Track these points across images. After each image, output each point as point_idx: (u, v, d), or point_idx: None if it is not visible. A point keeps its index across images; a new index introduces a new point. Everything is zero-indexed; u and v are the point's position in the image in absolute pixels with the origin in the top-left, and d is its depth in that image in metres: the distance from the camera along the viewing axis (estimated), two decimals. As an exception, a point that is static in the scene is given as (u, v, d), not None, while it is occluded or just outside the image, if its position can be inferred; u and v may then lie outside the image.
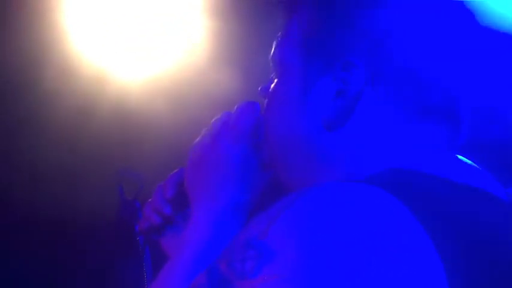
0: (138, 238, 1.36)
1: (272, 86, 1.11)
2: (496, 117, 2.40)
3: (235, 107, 1.18)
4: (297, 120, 1.04)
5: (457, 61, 1.04)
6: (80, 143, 2.73)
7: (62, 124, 2.71)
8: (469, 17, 1.07)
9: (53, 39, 2.63)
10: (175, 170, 1.25)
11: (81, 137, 2.73)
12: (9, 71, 2.65)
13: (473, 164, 1.01)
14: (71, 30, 2.66)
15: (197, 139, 1.20)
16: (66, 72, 2.67)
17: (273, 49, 1.11)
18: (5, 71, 2.66)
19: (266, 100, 1.13)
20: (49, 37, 2.62)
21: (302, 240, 0.80)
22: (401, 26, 1.01)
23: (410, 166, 0.95)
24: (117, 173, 1.49)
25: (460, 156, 1.01)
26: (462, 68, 1.04)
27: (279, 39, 1.11)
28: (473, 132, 1.06)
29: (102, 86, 2.70)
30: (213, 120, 1.19)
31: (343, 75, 1.00)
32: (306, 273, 0.78)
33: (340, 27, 1.02)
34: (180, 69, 2.68)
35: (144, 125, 2.71)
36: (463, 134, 1.04)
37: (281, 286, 0.78)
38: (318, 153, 1.03)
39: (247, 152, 1.14)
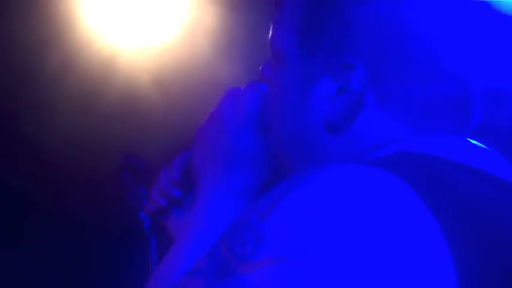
0: (143, 223, 1.36)
1: (272, 75, 1.10)
2: (507, 100, 2.39)
3: (242, 86, 1.17)
4: (298, 119, 1.04)
5: (466, 46, 1.02)
6: (86, 128, 2.73)
7: (69, 107, 2.71)
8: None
9: (59, 21, 2.63)
10: (181, 153, 1.25)
11: (87, 121, 2.72)
12: (16, 53, 2.65)
13: (485, 147, 1.00)
14: (77, 10, 2.64)
15: (203, 121, 1.18)
16: (73, 54, 2.67)
17: (270, 32, 1.10)
18: (10, 53, 2.66)
19: (268, 90, 1.12)
20: (56, 19, 2.61)
21: (304, 222, 0.80)
22: (401, 18, 0.99)
23: (419, 149, 0.95)
24: (122, 159, 1.49)
25: (471, 140, 1.00)
26: (471, 52, 1.03)
27: (275, 23, 1.09)
28: (483, 116, 1.05)
29: (109, 68, 2.69)
30: (219, 100, 1.17)
31: (343, 76, 0.99)
32: (308, 255, 0.78)
33: (337, 24, 1.01)
34: (187, 48, 2.67)
35: (150, 109, 2.70)
36: (474, 119, 1.03)
37: (283, 269, 0.78)
38: (319, 151, 1.03)
39: (254, 136, 1.13)
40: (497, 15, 2.16)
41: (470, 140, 1.00)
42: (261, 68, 1.15)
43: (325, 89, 1.01)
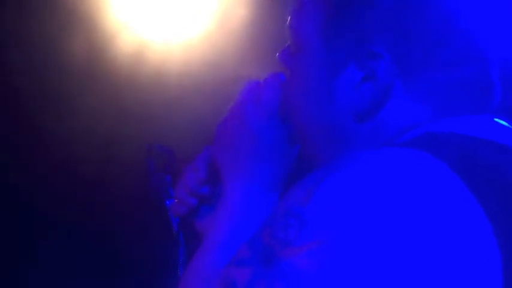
0: (169, 211, 1.36)
1: (293, 64, 1.10)
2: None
3: (262, 78, 1.17)
4: (324, 108, 1.04)
5: (489, 27, 1.02)
6: (112, 120, 2.74)
7: (95, 100, 2.72)
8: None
9: (86, 12, 2.64)
10: (203, 149, 1.24)
11: (113, 113, 2.73)
12: (42, 45, 2.67)
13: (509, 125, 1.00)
14: (106, 2, 2.65)
15: (223, 115, 1.18)
16: (101, 46, 2.68)
17: (289, 19, 1.09)
18: (37, 45, 2.67)
19: (288, 77, 1.12)
20: (83, 10, 2.62)
21: (346, 204, 0.81)
22: (426, 4, 0.98)
23: (448, 129, 0.95)
24: (148, 147, 1.48)
25: (496, 119, 1.00)
26: (494, 33, 1.02)
27: (296, 10, 1.09)
28: (504, 95, 1.04)
29: (140, 57, 2.69)
30: (239, 93, 1.17)
31: (369, 64, 0.99)
32: (351, 237, 0.79)
33: (362, 13, 1.00)
34: (218, 41, 2.67)
35: (178, 102, 2.70)
36: (496, 98, 1.03)
37: (327, 251, 0.80)
38: (347, 138, 1.03)
39: (276, 127, 1.13)
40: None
41: (496, 118, 1.00)
42: (278, 54, 1.14)
43: (352, 77, 1.00)
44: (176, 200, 1.26)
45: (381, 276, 0.79)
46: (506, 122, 1.00)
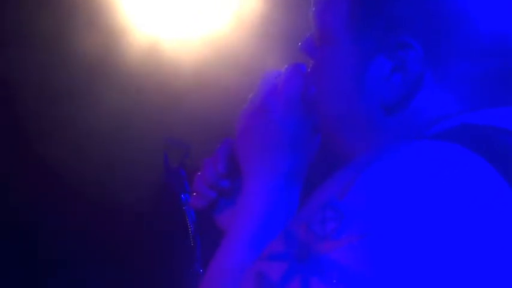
0: (184, 207, 1.35)
1: (319, 56, 1.08)
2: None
3: (282, 69, 1.15)
4: (353, 99, 1.02)
5: None
6: (129, 111, 2.74)
7: (109, 94, 2.72)
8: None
9: (98, 9, 2.64)
10: (221, 142, 1.22)
11: (131, 104, 2.73)
12: (53, 43, 2.67)
13: None
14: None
15: (244, 107, 1.16)
16: (116, 39, 2.67)
17: (313, 7, 1.08)
18: (48, 43, 2.68)
19: (313, 68, 1.10)
20: (95, 7, 2.62)
21: (386, 198, 0.80)
22: None
23: (481, 121, 0.93)
24: (163, 141, 1.47)
25: None
26: None
27: (321, 3, 1.07)
28: None
29: (154, 53, 2.69)
30: (258, 85, 1.15)
31: (399, 54, 0.97)
32: (389, 231, 0.78)
33: (392, 2, 0.98)
34: (228, 36, 2.66)
35: (192, 100, 2.70)
36: None
37: (366, 245, 0.78)
38: (377, 129, 1.01)
39: (298, 118, 1.11)
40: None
41: None
42: (301, 44, 1.12)
43: (381, 67, 0.99)
44: (194, 194, 1.25)
45: (424, 272, 0.77)
46: None
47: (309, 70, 1.11)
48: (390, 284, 0.77)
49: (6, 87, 2.74)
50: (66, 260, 2.85)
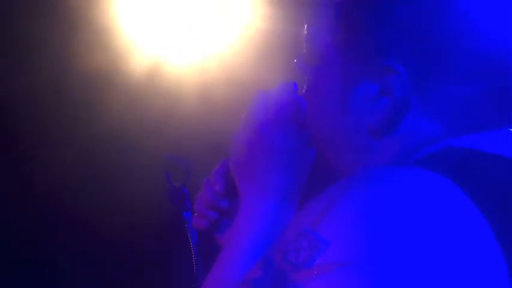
0: (186, 223, 1.36)
1: (310, 75, 1.09)
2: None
3: (273, 89, 1.16)
4: (340, 121, 1.03)
5: (507, 43, 0.99)
6: (129, 130, 2.75)
7: (113, 112, 2.74)
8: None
9: (104, 29, 2.66)
10: (220, 162, 1.23)
11: (131, 124, 2.75)
12: (55, 63, 2.69)
13: None
14: (122, 19, 2.67)
15: (237, 128, 1.17)
16: (118, 61, 2.69)
17: (305, 29, 1.09)
18: (50, 63, 2.69)
19: (305, 87, 1.11)
20: (97, 26, 2.64)
21: (356, 227, 0.80)
22: (443, 21, 0.97)
23: (467, 145, 0.94)
24: (164, 160, 1.49)
25: None
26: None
27: (312, 20, 1.09)
28: None
29: (154, 74, 2.71)
30: (250, 105, 1.16)
31: (385, 79, 0.98)
32: (361, 261, 0.78)
33: (378, 26, 0.99)
34: (232, 56, 2.68)
35: (193, 112, 2.71)
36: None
37: (338, 275, 0.78)
38: (362, 151, 1.02)
39: (290, 137, 1.12)
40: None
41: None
42: (296, 61, 1.13)
43: (367, 90, 1.00)
44: (196, 214, 1.26)
45: None
46: None
47: (303, 88, 1.12)
48: None
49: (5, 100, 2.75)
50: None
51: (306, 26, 1.09)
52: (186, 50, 2.69)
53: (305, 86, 1.12)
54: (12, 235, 2.79)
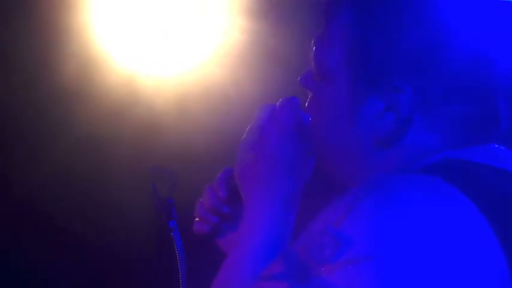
0: (172, 234, 1.39)
1: (317, 91, 1.16)
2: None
3: (277, 103, 1.24)
4: (347, 134, 1.11)
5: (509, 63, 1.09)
6: (112, 143, 2.74)
7: (93, 125, 2.73)
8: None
9: (80, 40, 2.65)
10: (222, 170, 1.31)
11: (113, 137, 2.74)
12: (27, 74, 2.67)
13: None
14: (99, 32, 2.67)
15: (243, 137, 1.24)
16: (95, 73, 2.68)
17: (314, 48, 1.16)
18: (22, 75, 2.68)
19: (311, 104, 1.18)
20: (76, 36, 2.63)
21: (377, 225, 0.89)
22: (449, 43, 1.04)
23: (465, 157, 1.02)
24: (150, 171, 1.51)
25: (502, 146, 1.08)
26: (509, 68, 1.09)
27: (321, 40, 1.15)
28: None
29: (133, 85, 2.70)
30: (255, 116, 1.24)
31: (391, 97, 1.05)
32: (383, 256, 0.87)
33: (384, 46, 1.06)
34: (211, 68, 2.68)
35: (175, 123, 2.71)
36: (503, 126, 1.10)
37: (361, 268, 0.86)
38: (368, 163, 1.10)
39: (293, 146, 1.19)
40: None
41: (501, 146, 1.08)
42: (301, 78, 1.20)
43: (374, 106, 1.07)
44: (197, 219, 1.32)
45: None
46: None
47: (306, 102, 1.20)
48: None
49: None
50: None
51: (314, 43, 1.16)
52: (163, 62, 2.69)
53: (309, 101, 1.19)
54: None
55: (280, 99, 1.23)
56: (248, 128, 1.24)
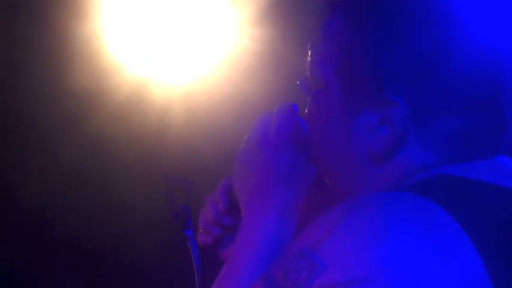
0: (189, 241, 1.39)
1: (312, 99, 1.14)
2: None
3: (275, 110, 1.21)
4: (341, 146, 1.08)
5: (506, 78, 1.05)
6: (125, 151, 2.75)
7: (105, 132, 2.73)
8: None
9: (92, 49, 2.66)
10: (222, 181, 1.28)
11: (126, 144, 2.74)
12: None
13: None
14: (110, 40, 2.67)
15: (240, 147, 1.22)
16: (107, 80, 2.69)
17: (309, 56, 1.14)
18: (32, 83, 2.68)
19: (308, 113, 1.16)
20: (89, 47, 2.64)
21: (358, 250, 0.86)
22: (442, 56, 1.01)
23: (459, 173, 0.99)
24: (165, 180, 1.52)
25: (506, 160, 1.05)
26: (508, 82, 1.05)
27: (315, 47, 1.13)
28: None
29: (145, 93, 2.71)
30: (252, 126, 1.21)
31: (385, 110, 1.03)
32: (363, 281, 0.84)
33: (378, 59, 1.03)
34: (221, 76, 2.69)
35: (189, 130, 2.72)
36: (507, 140, 1.07)
37: None
38: (362, 177, 1.08)
39: (291, 156, 1.16)
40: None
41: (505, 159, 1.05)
42: (299, 83, 1.18)
43: (368, 119, 1.04)
44: (200, 231, 1.31)
45: None
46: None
47: (306, 109, 1.17)
48: None
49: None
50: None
51: (309, 52, 1.13)
52: (173, 70, 2.70)
53: (308, 108, 1.16)
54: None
55: (278, 107, 1.20)
56: (245, 137, 1.21)
